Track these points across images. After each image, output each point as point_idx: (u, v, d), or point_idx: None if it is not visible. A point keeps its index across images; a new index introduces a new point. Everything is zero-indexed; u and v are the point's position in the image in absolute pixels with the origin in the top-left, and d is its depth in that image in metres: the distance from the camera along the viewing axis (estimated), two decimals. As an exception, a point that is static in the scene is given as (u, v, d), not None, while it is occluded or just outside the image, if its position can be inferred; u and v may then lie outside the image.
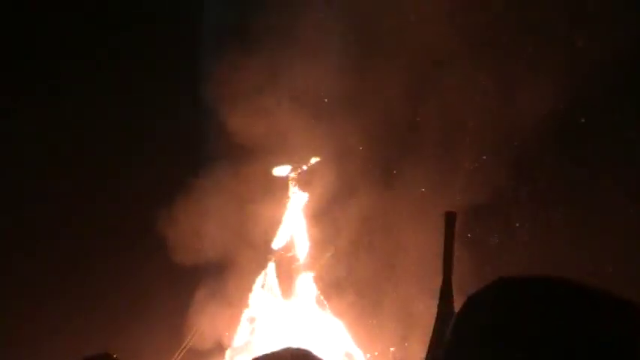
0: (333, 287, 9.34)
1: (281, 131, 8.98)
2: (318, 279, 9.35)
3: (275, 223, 9.40)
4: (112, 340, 7.85)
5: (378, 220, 9.19)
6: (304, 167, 9.26)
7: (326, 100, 9.05)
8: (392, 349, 9.27)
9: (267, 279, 9.38)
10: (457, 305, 4.28)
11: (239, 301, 9.27)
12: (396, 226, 9.12)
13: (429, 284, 8.30)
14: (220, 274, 9.06)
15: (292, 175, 9.29)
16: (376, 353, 9.25)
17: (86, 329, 8.39)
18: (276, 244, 9.42)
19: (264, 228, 9.32)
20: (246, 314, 9.32)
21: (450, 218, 4.60)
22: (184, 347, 8.86)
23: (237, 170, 8.93)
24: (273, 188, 9.30)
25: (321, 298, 9.33)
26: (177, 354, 8.83)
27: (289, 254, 9.39)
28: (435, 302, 7.85)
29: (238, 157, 8.89)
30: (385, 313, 9.22)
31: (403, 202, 9.08)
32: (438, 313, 4.43)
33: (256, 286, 9.34)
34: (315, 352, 2.53)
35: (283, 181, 9.33)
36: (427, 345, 4.21)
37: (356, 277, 9.29)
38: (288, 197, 9.36)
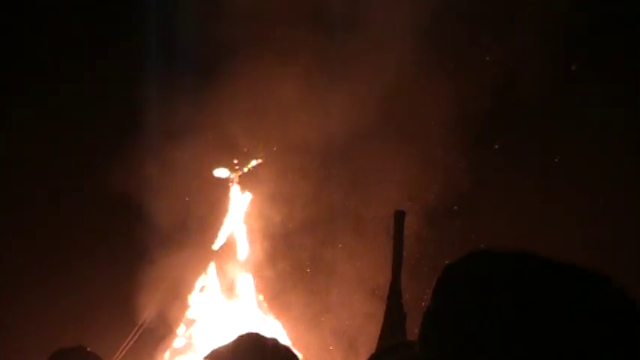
0: (274, 288, 9.54)
1: (223, 132, 9.16)
2: (259, 280, 9.54)
3: (216, 224, 9.59)
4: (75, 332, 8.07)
5: (320, 223, 9.40)
6: (245, 169, 9.46)
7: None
8: (331, 347, 9.46)
9: (207, 279, 9.53)
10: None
11: (181, 299, 9.46)
12: (339, 228, 9.39)
13: (371, 284, 8.79)
14: (165, 271, 9.22)
15: (233, 176, 9.48)
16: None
17: (47, 322, 8.74)
18: (217, 244, 9.61)
19: (204, 228, 9.51)
20: (186, 315, 9.46)
21: (398, 217, 4.81)
22: (137, 332, 9.06)
23: (177, 171, 9.10)
24: (214, 189, 9.48)
25: (261, 298, 9.53)
26: (129, 339, 9.02)
27: (229, 254, 9.56)
28: (375, 301, 8.16)
29: (180, 160, 9.08)
30: (327, 310, 9.44)
31: (345, 203, 9.36)
32: (387, 307, 4.67)
33: (196, 287, 9.49)
34: (264, 334, 2.67)
35: (224, 183, 9.51)
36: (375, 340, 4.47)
37: (297, 276, 9.51)
38: (229, 198, 9.55)
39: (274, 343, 2.64)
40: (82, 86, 9.10)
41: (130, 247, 9.06)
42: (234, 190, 9.57)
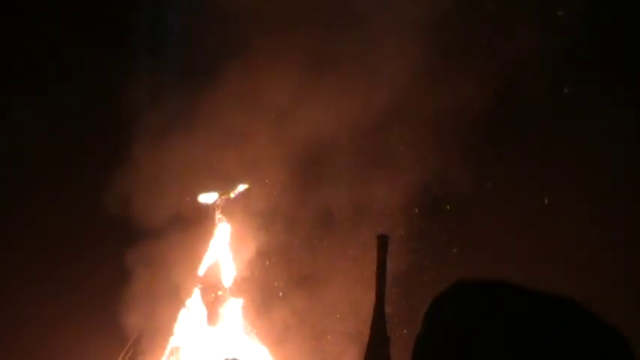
0: (261, 314, 9.57)
1: (208, 158, 9.18)
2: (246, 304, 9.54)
3: (201, 251, 9.61)
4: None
5: (307, 248, 9.49)
6: (232, 195, 9.50)
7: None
8: None
9: (192, 307, 9.55)
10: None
11: (165, 331, 9.45)
12: (323, 252, 9.43)
13: (357, 309, 8.81)
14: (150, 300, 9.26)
15: (218, 202, 9.52)
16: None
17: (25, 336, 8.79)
18: (201, 271, 9.62)
19: (189, 256, 9.53)
20: (170, 343, 9.47)
21: (382, 242, 4.85)
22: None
23: (162, 194, 9.15)
24: (199, 215, 9.51)
25: (248, 325, 9.55)
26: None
27: (214, 281, 9.58)
28: (358, 324, 8.20)
29: (165, 184, 9.14)
30: (310, 333, 9.49)
31: (330, 229, 9.40)
32: (370, 331, 4.72)
33: (181, 314, 9.50)
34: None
35: (209, 209, 9.53)
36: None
37: (284, 302, 9.54)
38: (214, 225, 9.59)
39: None
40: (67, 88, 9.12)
41: (110, 274, 9.07)
42: (220, 215, 9.60)
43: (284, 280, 9.58)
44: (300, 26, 8.81)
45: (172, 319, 9.53)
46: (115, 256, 9.03)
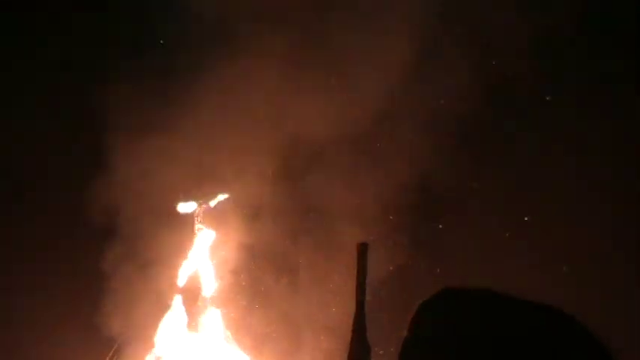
0: (239, 322, 9.61)
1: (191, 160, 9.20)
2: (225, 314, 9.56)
3: (180, 260, 9.63)
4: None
5: (283, 256, 9.48)
6: (211, 204, 9.54)
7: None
8: None
9: (172, 316, 9.56)
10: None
11: (146, 339, 9.46)
12: (305, 260, 9.45)
13: (335, 320, 8.81)
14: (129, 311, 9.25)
15: (197, 211, 9.55)
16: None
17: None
18: (181, 281, 9.64)
19: (169, 264, 9.54)
20: (153, 352, 9.49)
21: (362, 250, 4.87)
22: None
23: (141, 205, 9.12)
24: (179, 224, 9.52)
25: (228, 333, 9.57)
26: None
27: (195, 290, 9.61)
28: (336, 338, 8.17)
29: (145, 194, 9.10)
30: (290, 345, 9.51)
31: (314, 234, 9.37)
32: (351, 341, 4.80)
33: (162, 324, 9.53)
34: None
35: (189, 218, 9.58)
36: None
37: (263, 308, 9.59)
38: (194, 233, 9.62)
39: None
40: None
41: (90, 282, 9.07)
42: (199, 224, 9.65)
43: (265, 287, 9.60)
44: (288, 19, 8.84)
45: (154, 328, 9.53)
46: (94, 262, 9.05)
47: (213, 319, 9.68)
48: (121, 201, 9.03)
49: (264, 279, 9.60)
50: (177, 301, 9.63)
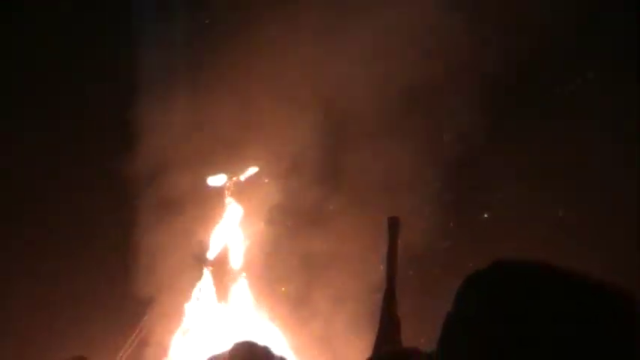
0: (267, 294, 9.62)
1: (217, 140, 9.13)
2: (255, 285, 9.56)
3: (210, 233, 9.65)
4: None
5: (312, 227, 9.41)
6: (241, 177, 9.52)
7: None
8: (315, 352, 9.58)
9: (202, 288, 9.59)
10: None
11: (176, 310, 9.51)
12: (332, 232, 9.35)
13: (362, 288, 8.65)
14: (156, 284, 9.29)
15: (228, 184, 9.53)
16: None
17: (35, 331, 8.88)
18: (211, 253, 9.66)
19: (200, 237, 9.57)
20: (182, 325, 9.52)
21: (393, 223, 4.84)
22: (132, 342, 9.21)
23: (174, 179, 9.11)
24: (209, 198, 9.52)
25: (257, 304, 9.60)
26: (124, 350, 9.17)
27: (224, 263, 9.64)
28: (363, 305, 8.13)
29: (174, 168, 9.11)
30: (315, 315, 9.46)
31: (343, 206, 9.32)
32: (382, 316, 4.79)
33: (192, 295, 9.55)
34: (258, 342, 2.83)
35: (219, 191, 9.55)
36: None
37: (288, 281, 9.54)
38: (224, 207, 9.60)
39: (267, 351, 2.81)
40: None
41: (123, 255, 9.13)
42: (229, 197, 9.62)
43: (295, 259, 9.51)
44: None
45: (183, 300, 9.56)
46: (123, 235, 9.16)
47: (243, 290, 9.68)
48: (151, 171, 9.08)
49: (295, 249, 9.52)
50: (206, 273, 9.64)
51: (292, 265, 9.45)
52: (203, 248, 9.62)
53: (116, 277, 9.14)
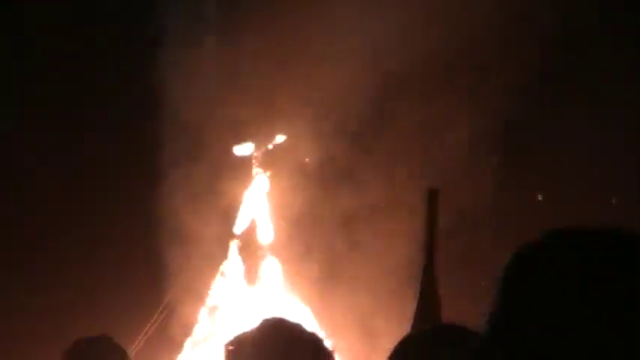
0: (295, 270, 9.45)
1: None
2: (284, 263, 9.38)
3: (237, 205, 9.43)
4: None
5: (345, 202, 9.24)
6: (269, 146, 9.27)
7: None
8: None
9: (229, 265, 9.41)
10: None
11: (201, 287, 9.39)
12: (365, 206, 9.20)
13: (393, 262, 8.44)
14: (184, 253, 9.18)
15: (256, 154, 9.30)
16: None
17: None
18: (239, 227, 9.45)
19: (226, 209, 9.38)
20: (207, 303, 9.36)
21: (432, 196, 4.58)
22: (157, 319, 9.11)
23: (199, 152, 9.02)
24: (236, 168, 9.33)
25: (287, 283, 9.38)
26: (149, 326, 9.07)
27: (252, 238, 9.44)
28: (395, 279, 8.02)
29: (200, 137, 8.99)
30: (348, 290, 9.32)
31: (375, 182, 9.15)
32: (420, 294, 4.51)
33: (218, 273, 9.38)
34: (287, 319, 2.69)
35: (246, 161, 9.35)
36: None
37: (318, 256, 9.39)
38: (252, 177, 9.37)
39: (299, 328, 2.64)
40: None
41: (149, 232, 9.08)
42: (257, 168, 9.41)
43: (324, 237, 9.32)
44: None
45: (209, 277, 9.42)
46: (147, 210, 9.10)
47: (271, 268, 9.49)
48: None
49: (321, 226, 9.35)
50: (233, 249, 9.45)
51: (328, 234, 9.28)
52: (229, 223, 9.44)
53: (138, 253, 9.14)
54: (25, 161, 9.11)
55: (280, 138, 9.30)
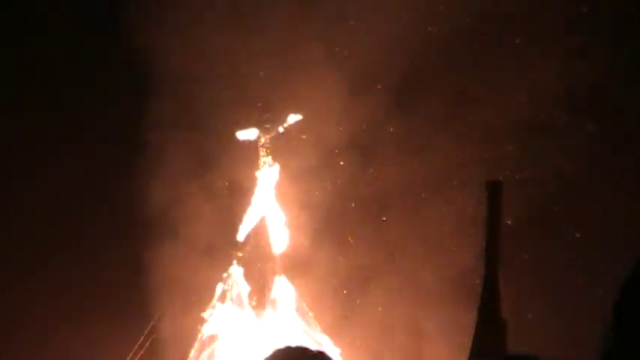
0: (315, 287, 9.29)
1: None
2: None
3: (239, 205, 9.24)
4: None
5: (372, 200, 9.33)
6: (280, 129, 8.97)
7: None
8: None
9: (230, 282, 9.12)
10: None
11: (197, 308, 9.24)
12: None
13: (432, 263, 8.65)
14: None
15: (263, 139, 9.05)
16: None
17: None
18: (241, 234, 9.10)
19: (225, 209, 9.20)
20: (203, 330, 9.15)
21: (493, 189, 4.45)
22: (143, 344, 9.07)
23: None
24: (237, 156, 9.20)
25: (304, 307, 9.01)
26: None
27: (258, 247, 9.14)
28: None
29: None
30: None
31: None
32: (479, 311, 4.14)
33: (218, 293, 9.15)
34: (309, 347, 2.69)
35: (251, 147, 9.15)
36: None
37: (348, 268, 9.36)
38: (258, 168, 9.15)
39: (322, 357, 2.68)
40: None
41: (133, 243, 9.14)
42: (263, 156, 9.16)
43: (350, 247, 9.28)
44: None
45: (204, 297, 9.18)
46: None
47: (282, 287, 9.13)
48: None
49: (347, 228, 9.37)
50: (235, 261, 9.14)
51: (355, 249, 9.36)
52: (229, 227, 9.18)
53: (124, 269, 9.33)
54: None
55: (294, 117, 9.04)
